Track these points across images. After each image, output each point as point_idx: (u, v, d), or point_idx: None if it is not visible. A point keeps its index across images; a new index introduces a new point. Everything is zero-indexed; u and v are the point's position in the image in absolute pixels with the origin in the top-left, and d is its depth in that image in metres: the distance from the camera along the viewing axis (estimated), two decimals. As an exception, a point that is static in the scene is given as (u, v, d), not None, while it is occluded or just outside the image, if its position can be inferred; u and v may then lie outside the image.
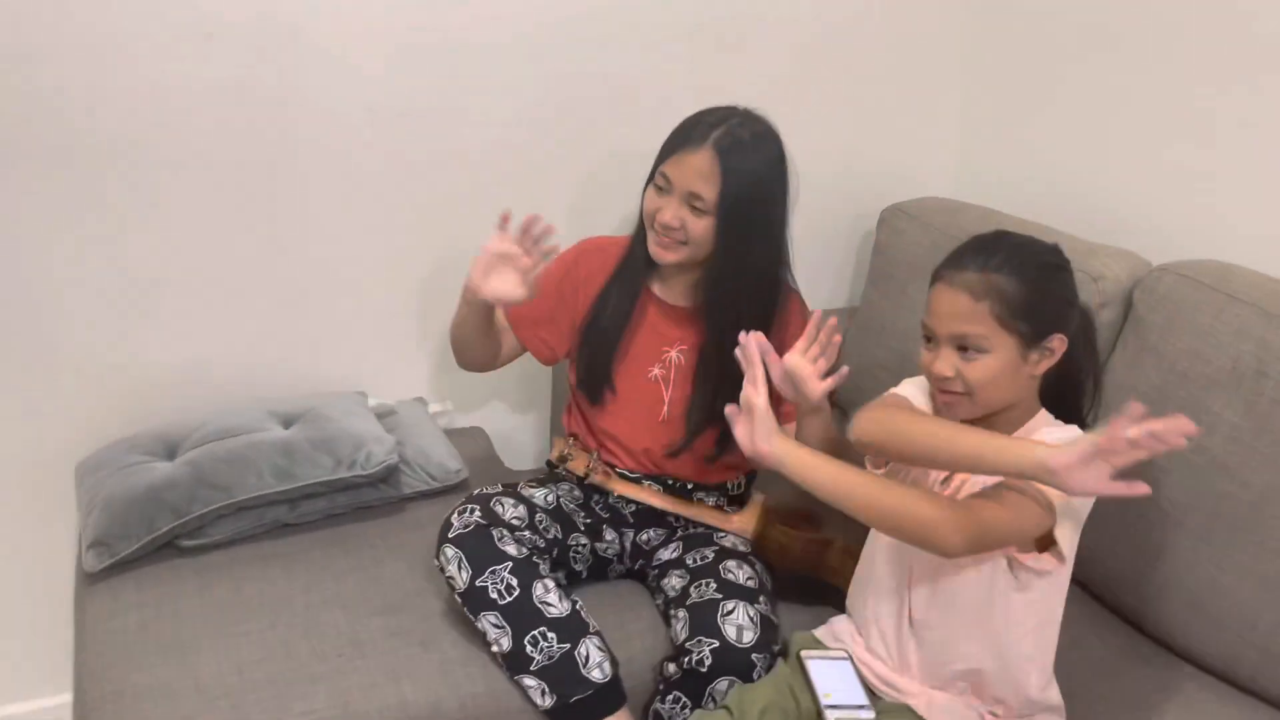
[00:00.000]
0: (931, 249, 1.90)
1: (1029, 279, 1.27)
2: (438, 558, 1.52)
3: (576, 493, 1.73)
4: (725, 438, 1.53)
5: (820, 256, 2.18)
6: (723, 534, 1.66)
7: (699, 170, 1.54)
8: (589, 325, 1.70)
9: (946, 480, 1.35)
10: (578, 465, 1.71)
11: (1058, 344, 1.30)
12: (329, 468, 1.73)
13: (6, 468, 1.83)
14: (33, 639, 1.90)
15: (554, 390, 2.12)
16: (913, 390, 1.42)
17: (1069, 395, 1.39)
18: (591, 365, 1.70)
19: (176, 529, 1.65)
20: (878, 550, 1.42)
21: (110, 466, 1.72)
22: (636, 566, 1.72)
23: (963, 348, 1.27)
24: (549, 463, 1.80)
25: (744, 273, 1.61)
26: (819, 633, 1.50)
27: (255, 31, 1.73)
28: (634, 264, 1.68)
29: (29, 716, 1.96)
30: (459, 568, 1.49)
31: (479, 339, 1.70)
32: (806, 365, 1.42)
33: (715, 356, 1.61)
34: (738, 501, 1.76)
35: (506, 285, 1.56)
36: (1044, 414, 1.35)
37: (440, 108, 1.89)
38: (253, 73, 1.75)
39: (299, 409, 1.85)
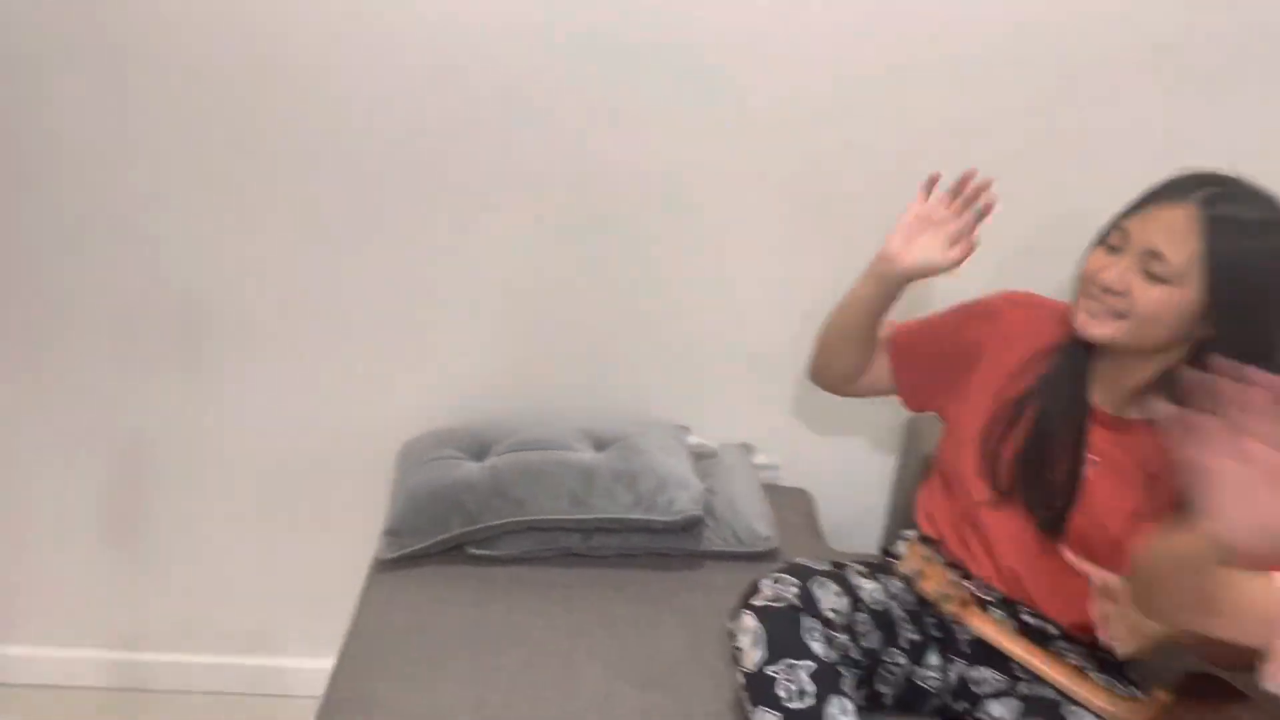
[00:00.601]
0: None
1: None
2: (733, 621, 1.31)
3: (910, 596, 1.43)
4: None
5: None
6: (1075, 709, 1.27)
7: (1168, 225, 1.20)
8: (1007, 411, 1.40)
9: None
10: (930, 585, 1.40)
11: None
12: (626, 505, 1.58)
13: (345, 439, 1.88)
14: (337, 603, 1.94)
15: (903, 463, 1.82)
16: None
17: None
18: (994, 457, 1.40)
19: (466, 535, 1.59)
20: None
21: (424, 455, 1.70)
22: (958, 708, 1.38)
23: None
24: (885, 551, 1.52)
25: None
26: None
27: (626, 43, 1.63)
28: (1074, 357, 1.36)
29: (310, 673, 2.02)
30: (754, 643, 1.26)
31: (862, 331, 1.45)
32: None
33: (1147, 491, 1.28)
34: (1112, 671, 1.36)
35: (931, 249, 1.34)
36: None
37: (820, 142, 1.67)
38: (619, 85, 1.65)
39: (614, 433, 1.72)
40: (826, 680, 1.23)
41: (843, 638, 1.29)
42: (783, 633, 1.26)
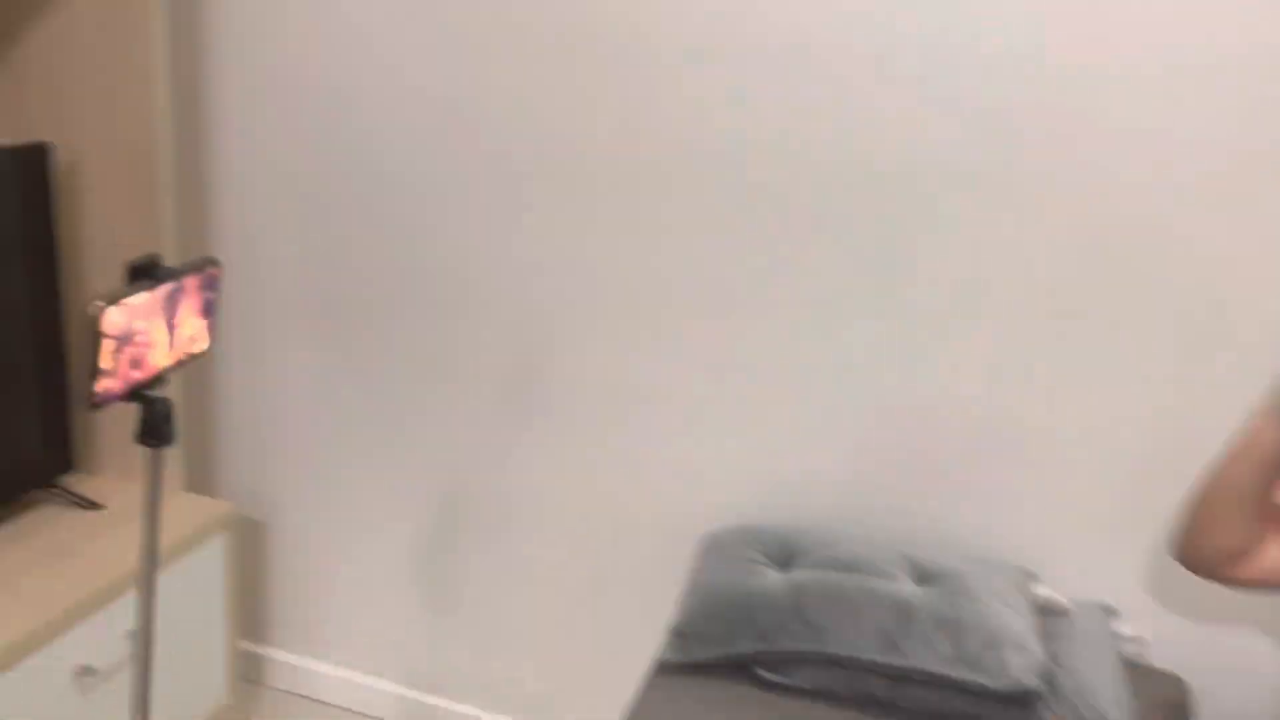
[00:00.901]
0: None
1: None
2: None
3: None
4: None
5: None
6: None
7: None
8: None
9: None
10: None
11: None
12: (944, 658, 1.34)
13: (654, 517, 1.79)
14: (621, 684, 1.85)
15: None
16: None
17: None
18: None
19: (756, 655, 1.42)
20: None
21: (725, 552, 1.56)
22: None
23: None
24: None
25: None
26: None
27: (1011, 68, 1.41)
28: None
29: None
30: None
31: (1256, 488, 1.10)
32: None
33: None
34: None
35: None
36: None
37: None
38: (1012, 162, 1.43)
39: (940, 567, 1.48)
40: None
41: None
42: None
